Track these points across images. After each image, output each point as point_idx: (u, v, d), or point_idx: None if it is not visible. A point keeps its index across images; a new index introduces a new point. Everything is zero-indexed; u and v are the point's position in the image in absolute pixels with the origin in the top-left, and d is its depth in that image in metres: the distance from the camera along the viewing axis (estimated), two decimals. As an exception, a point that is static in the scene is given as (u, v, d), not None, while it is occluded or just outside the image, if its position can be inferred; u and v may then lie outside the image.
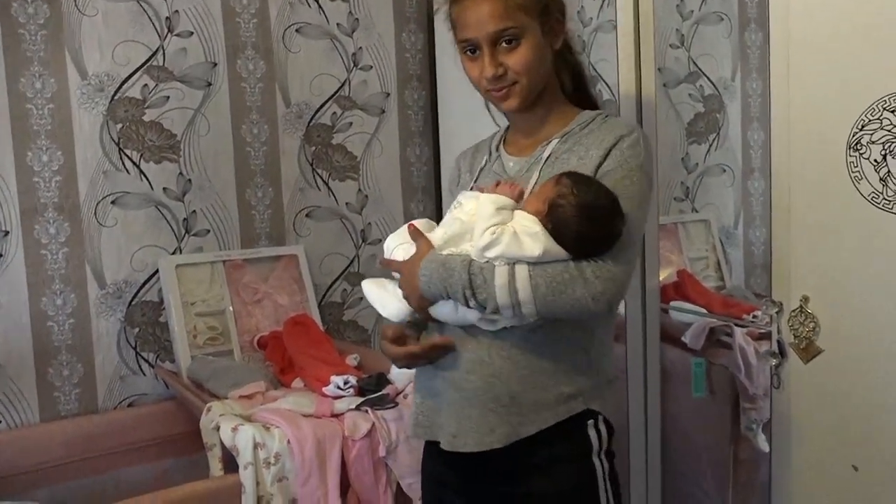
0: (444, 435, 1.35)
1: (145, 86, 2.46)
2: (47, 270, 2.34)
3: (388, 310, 1.37)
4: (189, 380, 2.31)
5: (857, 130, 1.40)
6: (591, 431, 1.33)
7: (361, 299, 2.87)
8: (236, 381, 2.16)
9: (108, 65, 2.40)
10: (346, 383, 2.10)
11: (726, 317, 2.00)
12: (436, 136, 2.90)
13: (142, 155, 2.47)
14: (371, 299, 1.40)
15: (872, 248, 1.40)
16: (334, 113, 2.78)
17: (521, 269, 1.22)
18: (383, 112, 2.88)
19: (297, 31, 2.70)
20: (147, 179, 2.48)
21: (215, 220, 2.59)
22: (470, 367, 1.31)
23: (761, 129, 2.12)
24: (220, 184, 2.59)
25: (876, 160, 1.38)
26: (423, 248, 1.31)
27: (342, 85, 2.79)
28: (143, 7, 2.44)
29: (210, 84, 2.56)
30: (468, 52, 1.36)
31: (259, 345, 2.48)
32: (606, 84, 2.29)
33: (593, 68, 2.34)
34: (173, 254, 2.51)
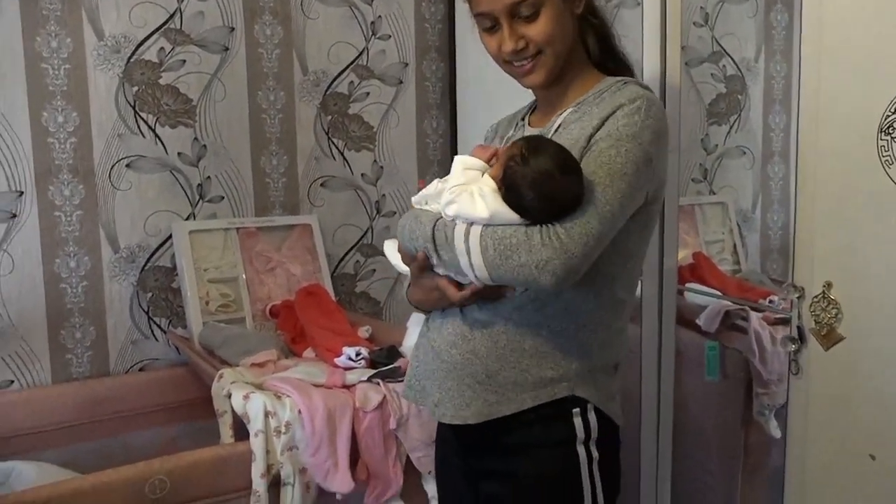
0: (429, 402, 1.35)
1: (162, 49, 2.43)
2: (61, 233, 2.33)
3: (401, 266, 1.38)
4: (201, 346, 2.31)
5: (889, 114, 1.36)
6: (576, 420, 1.28)
7: (374, 271, 2.86)
8: (248, 349, 2.16)
9: (125, 26, 2.37)
10: (357, 355, 2.09)
11: (742, 300, 1.98)
12: (453, 109, 2.87)
13: (157, 119, 2.45)
14: (388, 256, 1.41)
15: (901, 234, 1.37)
16: (351, 82, 2.75)
17: (475, 230, 1.20)
18: (401, 83, 2.85)
19: (317, -3, 2.67)
20: (162, 143, 2.46)
21: (230, 186, 2.58)
22: (453, 339, 1.31)
23: (783, 111, 2.09)
24: (235, 150, 2.57)
25: (908, 145, 1.35)
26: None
27: (360, 54, 2.76)
28: (161, -32, 2.41)
29: (227, 49, 2.53)
30: (486, 27, 1.31)
31: (271, 313, 2.48)
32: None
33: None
34: (187, 219, 2.50)
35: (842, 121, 1.44)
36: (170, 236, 2.46)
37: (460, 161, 1.26)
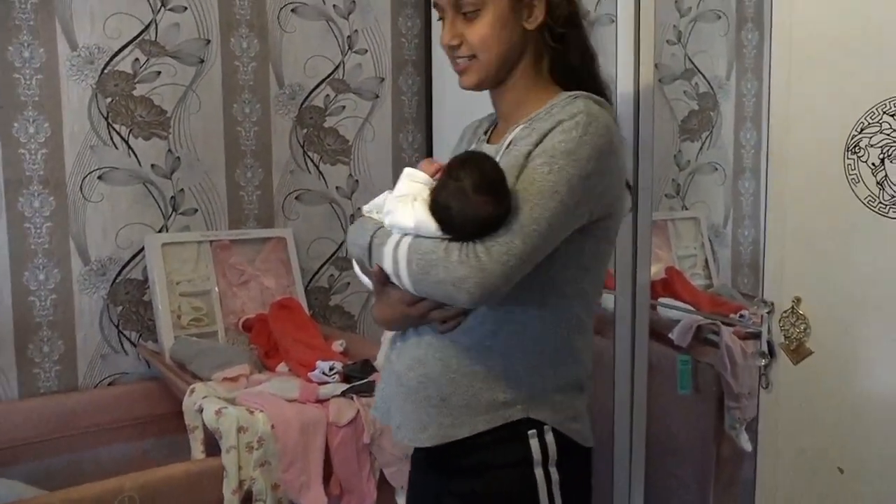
0: (393, 424, 1.35)
1: (136, 60, 2.42)
2: (30, 244, 2.30)
3: (367, 281, 1.36)
4: (172, 360, 2.28)
5: (855, 133, 1.39)
6: (532, 441, 1.26)
7: (349, 284, 2.85)
8: (220, 363, 2.13)
9: (99, 37, 2.36)
10: (331, 369, 2.08)
11: (714, 315, 2.00)
12: (429, 123, 2.88)
13: (130, 130, 2.43)
14: (356, 271, 1.39)
15: (867, 251, 1.39)
16: (327, 95, 2.75)
17: (404, 242, 1.20)
18: (377, 97, 2.85)
19: (293, 10, 2.67)
20: (135, 155, 2.44)
21: (203, 199, 2.56)
22: (410, 363, 1.30)
23: (754, 128, 2.12)
24: (209, 163, 2.56)
25: (874, 164, 1.37)
26: None
27: (336, 67, 2.76)
28: (136, -21, 2.40)
29: (203, 61, 2.52)
30: (438, 17, 1.31)
31: (244, 327, 2.46)
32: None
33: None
34: (159, 232, 2.48)
35: (810, 139, 1.47)
36: (142, 249, 2.44)
37: (407, 174, 1.26)
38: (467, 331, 1.26)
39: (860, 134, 1.39)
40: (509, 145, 1.26)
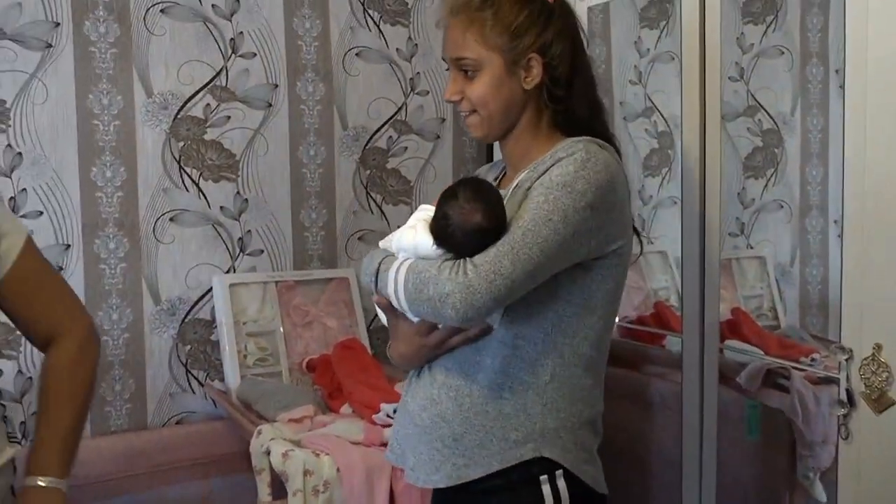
0: (406, 465, 1.36)
1: (207, 105, 2.49)
2: (105, 285, 2.37)
3: (382, 317, 1.44)
4: (238, 400, 2.31)
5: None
6: (544, 488, 1.26)
7: (410, 324, 2.86)
8: (285, 404, 2.15)
9: (173, 83, 2.44)
10: (395, 411, 2.08)
11: (783, 359, 1.94)
12: (490, 161, 2.89)
13: (201, 173, 2.50)
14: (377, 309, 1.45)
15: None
16: (390, 137, 2.79)
17: (406, 263, 1.24)
18: (438, 137, 2.88)
19: (357, 54, 2.72)
20: (205, 197, 2.50)
21: (269, 240, 2.61)
22: (423, 403, 1.32)
23: (821, 165, 2.07)
24: (275, 204, 2.61)
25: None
26: None
27: (399, 109, 2.80)
28: (209, 28, 2.48)
29: (270, 105, 2.59)
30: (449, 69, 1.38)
31: (308, 368, 2.48)
32: (662, 115, 2.27)
33: (649, 99, 2.32)
34: (227, 272, 2.53)
35: (889, 179, 1.43)
36: (210, 289, 2.49)
37: (420, 208, 1.32)
38: (480, 369, 1.27)
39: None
40: (515, 188, 1.30)
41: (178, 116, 2.46)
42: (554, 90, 1.34)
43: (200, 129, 2.49)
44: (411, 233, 1.25)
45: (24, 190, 2.27)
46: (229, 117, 2.52)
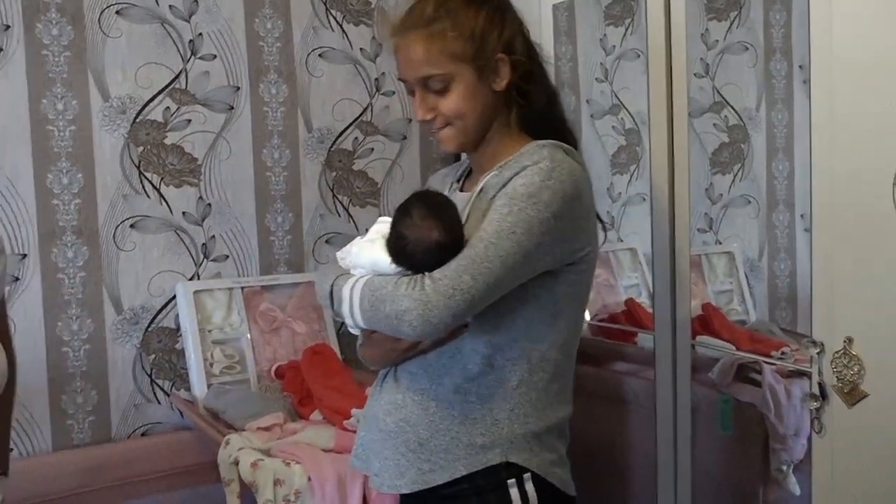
0: (371, 471, 1.34)
1: (167, 108, 2.44)
2: (64, 295, 2.30)
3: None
4: (205, 409, 2.26)
5: (905, 165, 1.36)
6: (512, 491, 1.25)
7: (380, 327, 2.83)
8: (254, 413, 2.11)
9: (131, 87, 2.38)
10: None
11: (754, 353, 1.95)
12: (457, 161, 2.87)
13: (162, 178, 2.44)
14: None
15: (923, 288, 1.35)
16: (356, 138, 2.76)
17: (360, 281, 1.22)
18: (405, 138, 2.86)
19: (321, 55, 2.68)
20: (167, 203, 2.45)
21: (234, 245, 2.56)
22: (388, 408, 1.30)
23: (786, 159, 2.09)
24: (239, 208, 2.56)
25: (926, 197, 1.34)
26: None
27: (364, 110, 2.77)
28: (167, 29, 2.43)
29: (232, 108, 2.54)
30: (409, 91, 1.34)
31: (277, 375, 2.44)
32: (629, 113, 2.27)
33: (616, 96, 2.32)
34: (191, 279, 2.48)
35: (856, 174, 1.43)
36: (173, 297, 2.43)
37: (378, 221, 1.31)
38: (446, 374, 1.26)
39: (909, 166, 1.35)
40: (480, 192, 1.28)
41: (137, 120, 2.40)
42: (522, 85, 1.34)
43: (160, 134, 2.43)
44: (369, 248, 1.23)
45: (-24, 199, 2.20)
46: (190, 121, 2.47)
